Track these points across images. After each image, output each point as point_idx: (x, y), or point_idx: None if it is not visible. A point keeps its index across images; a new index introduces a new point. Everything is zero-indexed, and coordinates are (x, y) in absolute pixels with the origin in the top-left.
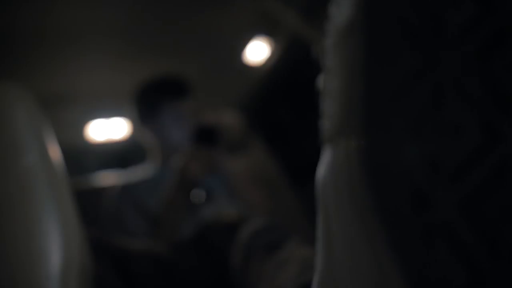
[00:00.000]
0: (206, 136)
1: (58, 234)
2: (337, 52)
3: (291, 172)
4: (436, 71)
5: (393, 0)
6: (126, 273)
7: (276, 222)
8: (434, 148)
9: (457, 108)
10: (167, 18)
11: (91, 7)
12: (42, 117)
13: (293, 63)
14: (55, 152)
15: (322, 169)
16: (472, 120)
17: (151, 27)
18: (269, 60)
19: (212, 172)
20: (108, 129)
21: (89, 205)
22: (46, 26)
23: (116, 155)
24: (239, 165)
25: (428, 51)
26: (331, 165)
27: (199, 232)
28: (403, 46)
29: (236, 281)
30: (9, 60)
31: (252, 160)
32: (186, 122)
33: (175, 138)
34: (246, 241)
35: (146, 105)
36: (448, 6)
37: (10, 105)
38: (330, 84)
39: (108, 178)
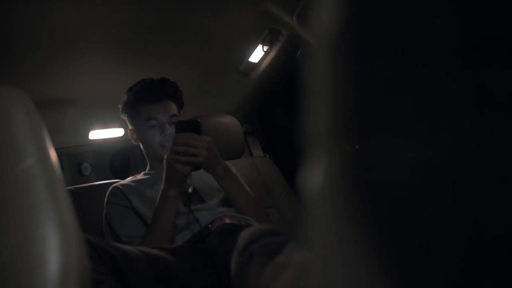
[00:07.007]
0: (186, 129)
1: (56, 238)
2: (328, 61)
3: (289, 174)
4: (425, 77)
5: (379, 11)
6: (125, 277)
7: (274, 226)
8: (427, 153)
9: (447, 113)
10: (166, 22)
11: (92, 10)
12: (40, 120)
13: (292, 68)
14: (52, 155)
15: (317, 174)
16: (461, 125)
17: (150, 32)
18: (268, 64)
19: (198, 163)
20: (107, 132)
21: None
22: (43, 29)
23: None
24: (232, 167)
25: (416, 59)
26: (326, 170)
27: (198, 235)
28: (393, 54)
29: (234, 285)
30: (7, 63)
31: (246, 163)
32: (160, 124)
33: (151, 139)
34: (245, 245)
35: (128, 109)
36: (433, 14)
37: (7, 108)
38: (323, 91)
39: (105, 178)
